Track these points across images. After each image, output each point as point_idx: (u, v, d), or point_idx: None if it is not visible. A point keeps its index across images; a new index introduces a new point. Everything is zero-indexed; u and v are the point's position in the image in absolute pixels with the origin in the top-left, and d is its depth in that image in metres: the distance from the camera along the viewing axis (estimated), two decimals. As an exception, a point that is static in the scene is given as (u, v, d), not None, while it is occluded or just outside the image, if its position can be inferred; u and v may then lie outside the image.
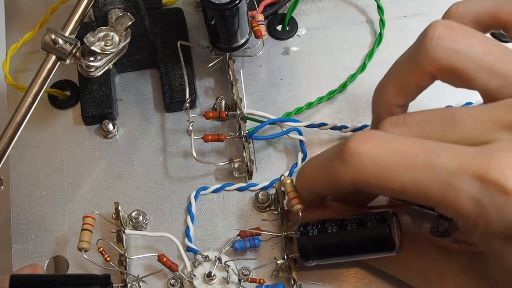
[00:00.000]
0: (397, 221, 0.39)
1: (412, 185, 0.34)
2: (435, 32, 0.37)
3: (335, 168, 0.36)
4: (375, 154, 0.34)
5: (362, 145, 0.35)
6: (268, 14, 0.52)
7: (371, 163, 0.34)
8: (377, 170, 0.34)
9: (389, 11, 0.53)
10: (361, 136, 0.35)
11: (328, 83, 0.50)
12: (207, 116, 0.47)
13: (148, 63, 0.51)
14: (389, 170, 0.34)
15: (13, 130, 0.41)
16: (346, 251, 0.39)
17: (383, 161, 0.34)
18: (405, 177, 0.34)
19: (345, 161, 0.35)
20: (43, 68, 0.42)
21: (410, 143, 0.34)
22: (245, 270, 0.43)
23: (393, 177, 0.34)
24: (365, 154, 0.35)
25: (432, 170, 0.33)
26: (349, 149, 0.35)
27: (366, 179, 0.35)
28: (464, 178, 0.33)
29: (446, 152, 0.33)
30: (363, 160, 0.35)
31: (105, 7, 0.46)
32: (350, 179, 0.35)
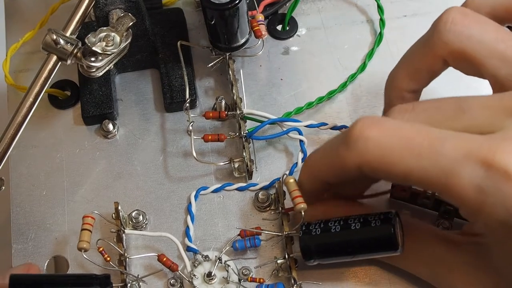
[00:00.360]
0: (399, 221, 0.39)
1: (416, 170, 0.34)
2: (449, 16, 0.37)
3: (340, 153, 0.36)
4: (380, 139, 0.35)
5: (368, 130, 0.35)
6: (268, 14, 0.53)
7: (376, 148, 0.35)
8: (382, 155, 0.34)
9: (389, 11, 0.53)
10: (367, 121, 0.35)
11: (328, 83, 0.50)
12: (207, 116, 0.47)
13: (148, 63, 0.51)
14: (394, 155, 0.34)
15: (14, 131, 0.41)
16: (349, 251, 0.39)
17: (389, 146, 0.34)
18: (410, 162, 0.34)
19: (350, 146, 0.35)
20: (44, 68, 0.42)
21: (417, 129, 0.35)
22: (245, 269, 0.43)
23: (397, 162, 0.34)
24: (370, 138, 0.35)
25: (437, 156, 0.33)
26: (354, 134, 0.35)
27: (370, 163, 0.35)
28: (469, 165, 0.33)
29: (452, 139, 0.34)
30: (368, 145, 0.35)
31: (106, 8, 0.46)
32: (355, 163, 0.36)
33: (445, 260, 0.39)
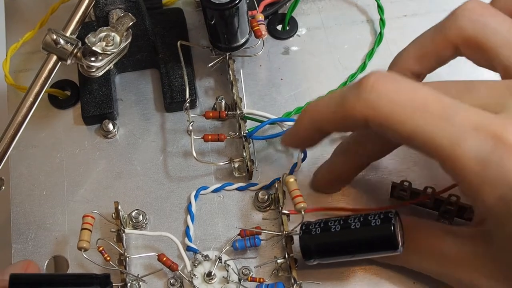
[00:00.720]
0: (399, 221, 0.39)
1: (423, 132, 0.33)
2: (468, 4, 0.38)
3: (349, 100, 0.36)
4: (394, 94, 0.34)
5: (382, 83, 0.35)
6: (268, 14, 0.53)
7: (388, 103, 0.34)
8: (392, 111, 0.34)
9: (389, 11, 0.53)
10: (383, 74, 0.35)
11: (328, 82, 0.50)
12: (207, 116, 0.47)
13: (148, 63, 0.52)
14: (405, 113, 0.34)
15: (14, 130, 0.41)
16: (349, 250, 0.39)
17: (401, 103, 0.34)
18: (419, 123, 0.33)
19: (362, 96, 0.35)
20: (44, 68, 0.42)
21: (431, 93, 0.34)
22: (245, 269, 0.43)
23: (406, 121, 0.34)
24: (384, 92, 0.34)
25: (447, 123, 0.33)
26: (368, 84, 0.35)
27: (379, 117, 0.34)
28: (478, 136, 0.33)
29: (465, 110, 0.34)
30: (381, 98, 0.34)
31: (106, 7, 0.46)
32: (363, 114, 0.35)
33: (452, 254, 0.39)
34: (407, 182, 0.43)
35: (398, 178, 0.44)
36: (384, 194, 0.45)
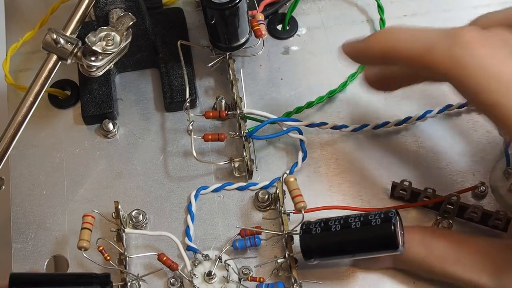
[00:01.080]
0: (400, 220, 0.39)
1: (505, 109, 0.34)
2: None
3: (439, 50, 0.35)
4: (487, 62, 0.35)
5: (479, 45, 0.35)
6: (268, 13, 0.53)
7: (480, 69, 0.34)
8: (482, 78, 0.34)
9: (389, 11, 0.53)
10: (479, 33, 0.35)
11: (328, 82, 0.50)
12: (207, 115, 0.47)
13: (148, 62, 0.51)
14: (493, 85, 0.34)
15: (14, 130, 0.41)
16: (349, 250, 0.39)
17: (492, 74, 0.34)
18: (503, 100, 0.34)
19: (454, 51, 0.35)
20: (44, 68, 0.42)
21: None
22: (245, 269, 0.43)
23: (491, 93, 0.34)
24: (478, 55, 0.35)
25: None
26: (464, 40, 0.35)
27: (465, 79, 0.35)
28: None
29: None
30: (474, 61, 0.35)
31: (106, 7, 0.46)
32: (449, 69, 0.35)
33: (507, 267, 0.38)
34: (407, 182, 0.43)
35: (398, 177, 0.44)
36: (384, 194, 0.45)
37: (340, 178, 0.46)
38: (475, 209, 0.42)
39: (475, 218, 0.43)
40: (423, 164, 0.46)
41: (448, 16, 0.53)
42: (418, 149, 0.47)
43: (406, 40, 0.37)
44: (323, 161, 0.47)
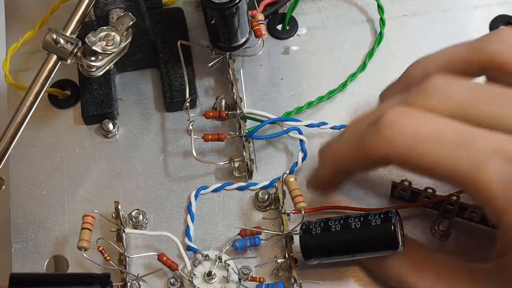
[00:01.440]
0: (400, 220, 0.39)
1: (445, 162, 0.34)
2: (504, 31, 0.39)
3: (369, 140, 0.36)
4: (411, 129, 0.35)
5: (400, 118, 0.35)
6: (268, 13, 0.53)
7: (407, 137, 0.35)
8: (412, 144, 0.35)
9: (389, 10, 0.53)
10: (398, 109, 0.36)
11: (328, 82, 0.50)
12: (207, 115, 0.47)
13: (148, 62, 0.51)
14: (423, 146, 0.34)
15: (14, 130, 0.41)
16: (349, 250, 0.39)
17: (420, 136, 0.35)
18: (440, 154, 0.34)
19: (381, 133, 0.35)
20: (44, 68, 0.42)
21: (448, 123, 0.35)
22: (245, 269, 0.43)
23: (427, 153, 0.34)
24: (402, 127, 0.35)
25: (468, 149, 0.33)
26: (386, 121, 0.35)
27: (400, 152, 0.35)
28: (498, 158, 0.33)
29: (483, 135, 0.34)
30: (400, 133, 0.35)
31: (106, 7, 0.46)
32: (384, 151, 0.35)
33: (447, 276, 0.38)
34: (407, 182, 0.43)
35: (398, 177, 0.44)
36: (384, 194, 0.45)
37: (340, 178, 0.46)
38: (475, 209, 0.42)
39: (475, 218, 0.43)
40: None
41: (448, 16, 0.53)
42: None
43: (343, 148, 0.39)
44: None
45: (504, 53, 0.38)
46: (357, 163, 0.38)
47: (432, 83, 0.36)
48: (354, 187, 0.46)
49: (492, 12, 0.53)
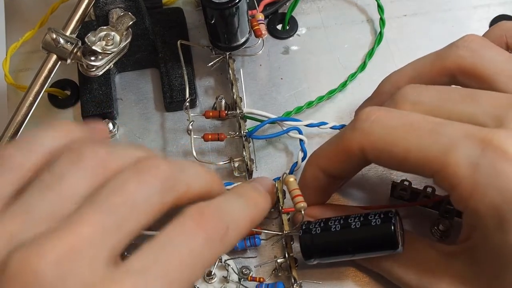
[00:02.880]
0: (400, 220, 0.39)
1: (415, 150, 0.35)
2: (468, 37, 0.40)
3: (346, 134, 0.38)
4: (385, 120, 0.36)
5: (375, 113, 0.37)
6: (268, 13, 0.53)
7: (379, 127, 0.36)
8: (385, 134, 0.36)
9: (389, 10, 0.53)
10: (376, 107, 0.37)
11: (328, 82, 0.50)
12: (207, 115, 0.47)
13: (148, 62, 0.51)
14: (396, 134, 0.36)
15: (14, 130, 0.41)
16: (349, 250, 0.39)
17: (392, 126, 0.36)
18: (410, 141, 0.35)
19: (355, 127, 0.37)
20: (44, 68, 0.42)
21: (422, 116, 0.36)
22: (245, 269, 0.43)
23: (399, 141, 0.36)
24: (375, 120, 0.37)
25: (437, 136, 0.35)
26: (361, 116, 0.37)
27: (373, 143, 0.37)
28: (467, 143, 0.34)
29: (454, 123, 0.35)
30: (372, 125, 0.37)
31: (106, 7, 0.46)
32: (359, 143, 0.37)
33: (432, 268, 0.39)
34: (407, 182, 0.43)
35: (398, 177, 0.44)
36: (384, 194, 0.45)
37: (340, 178, 0.46)
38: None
39: (475, 218, 0.43)
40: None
41: (448, 16, 0.53)
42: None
43: (324, 149, 0.41)
44: (323, 161, 0.47)
45: (468, 58, 0.39)
46: (338, 161, 0.39)
47: (403, 93, 0.38)
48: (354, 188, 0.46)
49: (492, 12, 0.53)
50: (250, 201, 0.35)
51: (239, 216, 0.33)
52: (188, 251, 0.29)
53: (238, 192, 0.36)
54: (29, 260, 0.26)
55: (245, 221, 0.34)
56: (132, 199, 0.29)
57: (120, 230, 0.28)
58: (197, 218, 0.30)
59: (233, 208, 0.33)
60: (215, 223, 0.30)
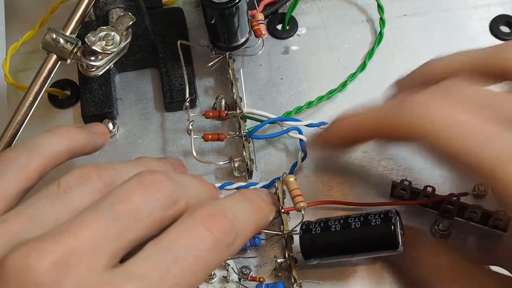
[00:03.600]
0: (400, 220, 0.39)
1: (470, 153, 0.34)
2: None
3: (404, 113, 0.36)
4: (447, 114, 0.35)
5: (438, 102, 0.35)
6: (268, 13, 0.53)
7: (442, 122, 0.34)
8: (444, 130, 0.34)
9: (389, 10, 0.53)
10: (436, 93, 0.36)
11: (328, 82, 0.50)
12: (207, 115, 0.47)
13: (148, 62, 0.51)
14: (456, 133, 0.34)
15: (13, 130, 0.41)
16: (349, 250, 0.39)
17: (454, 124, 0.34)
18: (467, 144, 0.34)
19: (417, 111, 0.35)
20: (44, 68, 0.42)
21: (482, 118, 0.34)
22: (245, 269, 0.43)
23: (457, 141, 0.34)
24: (437, 111, 0.35)
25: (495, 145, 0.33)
26: (423, 101, 0.35)
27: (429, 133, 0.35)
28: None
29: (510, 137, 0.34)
30: (435, 116, 0.35)
31: (106, 7, 0.46)
32: (415, 129, 0.35)
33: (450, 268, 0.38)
34: (407, 182, 0.43)
35: (398, 177, 0.44)
36: (384, 194, 0.45)
37: (340, 177, 0.46)
38: (475, 209, 0.42)
39: (475, 218, 0.43)
40: (423, 164, 0.46)
41: (448, 16, 0.53)
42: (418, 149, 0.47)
43: (363, 115, 0.39)
44: (323, 161, 0.47)
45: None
46: (382, 130, 0.38)
47: (458, 87, 0.36)
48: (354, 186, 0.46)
49: (492, 12, 0.53)
50: (257, 206, 0.35)
51: (246, 221, 0.33)
52: (193, 258, 0.29)
53: (245, 196, 0.35)
54: (28, 258, 0.26)
55: (251, 228, 0.33)
56: (136, 209, 0.29)
57: (121, 238, 0.28)
58: (208, 221, 0.30)
59: (242, 212, 0.33)
60: (226, 228, 0.30)
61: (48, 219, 0.29)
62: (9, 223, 0.29)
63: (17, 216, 0.29)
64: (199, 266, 0.29)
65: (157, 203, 0.30)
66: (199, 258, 0.29)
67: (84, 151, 0.37)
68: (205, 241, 0.29)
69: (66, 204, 0.30)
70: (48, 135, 0.35)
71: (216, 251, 0.30)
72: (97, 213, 0.28)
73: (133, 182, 0.30)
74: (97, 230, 0.28)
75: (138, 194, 0.29)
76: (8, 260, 0.27)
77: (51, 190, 0.30)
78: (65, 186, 0.30)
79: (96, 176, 0.31)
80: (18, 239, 0.28)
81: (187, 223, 0.30)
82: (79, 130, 0.37)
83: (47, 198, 0.30)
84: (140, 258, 0.28)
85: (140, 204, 0.29)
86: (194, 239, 0.29)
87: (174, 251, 0.29)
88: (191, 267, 0.29)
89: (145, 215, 0.29)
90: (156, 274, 0.28)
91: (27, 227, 0.29)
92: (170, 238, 0.29)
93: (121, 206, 0.29)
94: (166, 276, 0.28)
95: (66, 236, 0.27)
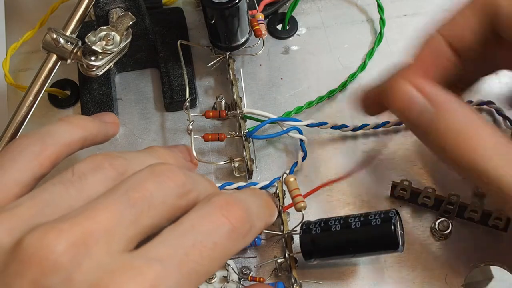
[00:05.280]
0: (400, 220, 0.39)
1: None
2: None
3: None
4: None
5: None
6: (268, 13, 0.53)
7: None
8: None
9: (389, 10, 0.53)
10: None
11: (328, 82, 0.50)
12: (207, 115, 0.47)
13: (148, 62, 0.51)
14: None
15: (14, 130, 0.41)
16: (349, 250, 0.39)
17: None
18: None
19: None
20: (44, 68, 0.42)
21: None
22: (245, 269, 0.43)
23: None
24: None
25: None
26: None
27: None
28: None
29: None
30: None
31: (106, 7, 0.46)
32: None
33: None
34: (407, 182, 0.43)
35: (398, 177, 0.44)
36: (384, 194, 0.45)
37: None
38: (475, 209, 0.42)
39: (475, 218, 0.43)
40: (423, 164, 0.46)
41: (448, 15, 0.53)
42: (418, 149, 0.47)
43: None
44: (323, 161, 0.47)
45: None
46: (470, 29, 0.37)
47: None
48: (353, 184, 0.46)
49: (492, 12, 0.53)
50: (267, 203, 0.35)
51: (259, 214, 0.33)
52: (212, 244, 0.29)
53: (255, 192, 0.35)
54: (46, 239, 0.26)
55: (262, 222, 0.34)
56: (150, 196, 0.29)
57: (137, 223, 0.28)
58: (225, 208, 0.30)
59: (254, 206, 0.33)
60: (242, 217, 0.30)
61: (63, 204, 0.29)
62: (24, 207, 0.29)
63: (32, 200, 0.29)
64: (217, 253, 0.29)
65: (171, 191, 0.30)
66: (217, 245, 0.29)
67: (96, 140, 0.38)
68: (223, 228, 0.29)
69: (80, 190, 0.30)
70: (61, 123, 0.35)
71: (233, 239, 0.30)
72: (113, 199, 0.28)
73: (146, 172, 0.30)
74: (113, 215, 0.28)
75: (152, 182, 0.29)
76: (25, 241, 0.26)
77: (65, 176, 0.30)
78: (79, 173, 0.30)
79: (109, 164, 0.31)
80: (33, 223, 0.28)
81: (205, 209, 0.30)
82: (92, 119, 0.37)
83: (61, 184, 0.30)
84: (158, 242, 0.28)
85: (154, 191, 0.29)
86: (212, 225, 0.29)
87: (193, 236, 0.29)
88: (210, 253, 0.29)
89: (159, 201, 0.29)
90: (176, 257, 0.28)
91: (42, 211, 0.29)
92: (188, 222, 0.29)
93: (135, 193, 0.29)
94: (185, 260, 0.28)
95: (82, 219, 0.27)
